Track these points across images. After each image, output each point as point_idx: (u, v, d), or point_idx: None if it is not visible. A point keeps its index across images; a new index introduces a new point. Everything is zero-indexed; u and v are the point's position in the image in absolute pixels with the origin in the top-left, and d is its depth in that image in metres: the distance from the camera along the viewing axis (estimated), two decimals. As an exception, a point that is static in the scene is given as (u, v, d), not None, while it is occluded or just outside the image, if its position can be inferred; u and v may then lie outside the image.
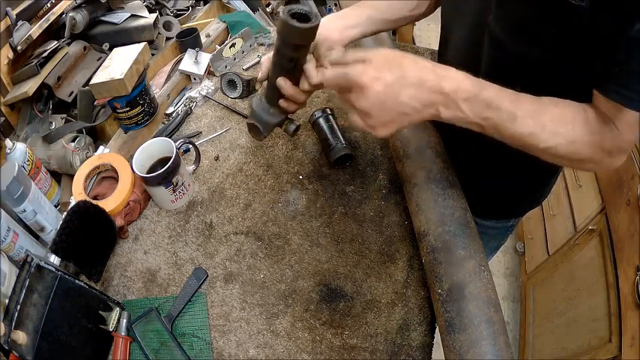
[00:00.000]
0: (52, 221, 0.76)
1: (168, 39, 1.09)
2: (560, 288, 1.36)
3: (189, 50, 1.02)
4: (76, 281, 0.63)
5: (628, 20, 0.43)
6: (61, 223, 0.67)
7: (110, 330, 0.65)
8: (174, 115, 0.96)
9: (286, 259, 0.73)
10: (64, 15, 0.92)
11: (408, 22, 0.78)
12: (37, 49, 0.90)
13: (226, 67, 1.05)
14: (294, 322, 0.67)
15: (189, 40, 1.04)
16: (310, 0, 1.66)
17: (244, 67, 1.05)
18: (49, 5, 0.90)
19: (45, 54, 0.86)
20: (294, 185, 0.83)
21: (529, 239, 1.69)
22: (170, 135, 0.92)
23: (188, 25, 1.12)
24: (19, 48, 0.83)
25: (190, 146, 0.85)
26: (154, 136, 0.90)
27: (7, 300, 0.55)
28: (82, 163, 0.82)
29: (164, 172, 0.73)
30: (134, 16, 1.01)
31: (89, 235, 0.70)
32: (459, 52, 0.69)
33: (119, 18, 0.99)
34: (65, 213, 0.68)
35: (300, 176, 0.84)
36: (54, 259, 0.67)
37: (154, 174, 0.73)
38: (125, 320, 0.66)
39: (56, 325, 0.59)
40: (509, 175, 0.75)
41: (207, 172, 0.86)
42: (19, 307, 0.54)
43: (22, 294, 0.55)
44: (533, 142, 0.51)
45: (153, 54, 1.02)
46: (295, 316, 0.68)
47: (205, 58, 1.02)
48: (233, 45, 1.05)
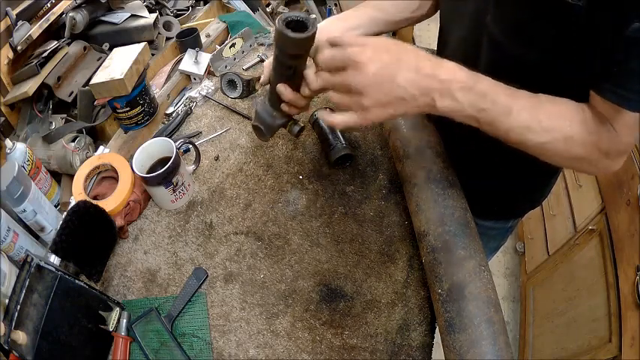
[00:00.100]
0: (52, 221, 0.76)
1: (168, 39, 1.09)
2: (560, 288, 1.36)
3: (189, 50, 1.02)
4: (76, 281, 0.63)
5: (625, 19, 0.43)
6: (61, 223, 0.67)
7: (110, 330, 0.65)
8: (174, 115, 0.96)
9: (286, 259, 0.73)
10: (64, 15, 0.92)
11: (410, 24, 0.78)
12: (37, 49, 0.90)
13: (226, 67, 1.05)
14: (294, 322, 0.67)
15: (189, 40, 1.04)
16: (310, 0, 1.66)
17: (244, 67, 1.05)
18: (49, 5, 0.90)
19: (45, 54, 0.86)
20: (294, 185, 0.83)
21: (529, 239, 1.69)
22: (170, 135, 0.92)
23: (188, 25, 1.12)
24: (19, 48, 0.83)
25: (190, 146, 0.85)
26: (154, 136, 0.90)
27: (7, 300, 0.55)
28: (82, 163, 0.82)
29: (164, 172, 0.73)
30: (134, 16, 1.01)
31: (89, 235, 0.70)
32: (457, 54, 0.68)
33: (119, 18, 0.99)
34: (65, 213, 0.68)
35: (300, 176, 0.84)
36: (54, 259, 0.67)
37: (154, 174, 0.73)
38: (125, 320, 0.66)
39: (56, 325, 0.59)
40: (508, 175, 0.75)
41: (207, 172, 0.86)
42: (19, 307, 0.54)
43: (22, 294, 0.55)
44: (528, 137, 0.51)
45: (153, 54, 1.02)
46: (295, 316, 0.68)
47: (205, 58, 1.02)
48: (233, 45, 1.05)
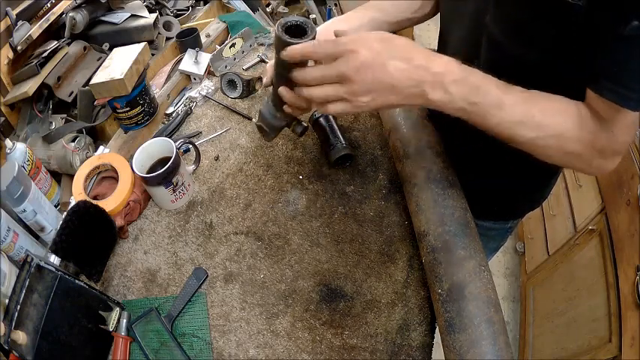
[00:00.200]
0: (52, 221, 0.76)
1: (168, 39, 1.09)
2: (560, 288, 1.36)
3: (189, 50, 1.02)
4: (76, 281, 0.63)
5: (625, 18, 0.43)
6: (61, 223, 0.67)
7: (110, 330, 0.65)
8: (174, 115, 0.96)
9: (286, 259, 0.73)
10: (64, 15, 0.92)
11: (411, 24, 0.78)
12: (37, 49, 0.90)
13: (226, 67, 1.05)
14: (294, 322, 0.67)
15: (189, 40, 1.03)
16: (310, 0, 1.66)
17: (244, 67, 1.05)
18: (49, 5, 0.90)
19: (45, 54, 0.86)
20: (294, 185, 0.83)
21: (529, 239, 1.69)
22: (170, 135, 0.92)
23: (188, 25, 1.12)
24: (19, 48, 0.83)
25: (190, 146, 0.85)
26: (154, 136, 0.90)
27: (7, 300, 0.55)
28: (82, 163, 0.82)
29: (164, 172, 0.73)
30: (134, 16, 1.01)
31: (89, 235, 0.70)
32: (457, 54, 0.68)
33: (119, 18, 0.99)
34: (65, 213, 0.68)
35: (300, 176, 0.84)
36: (54, 259, 0.67)
37: (154, 174, 0.73)
38: (125, 320, 0.66)
39: (56, 325, 0.59)
40: (508, 176, 0.75)
41: (207, 172, 0.86)
42: (19, 307, 0.54)
43: (22, 294, 0.55)
44: (520, 131, 0.51)
45: (153, 54, 1.02)
46: (295, 316, 0.68)
47: (205, 58, 1.02)
48: (233, 45, 1.05)
